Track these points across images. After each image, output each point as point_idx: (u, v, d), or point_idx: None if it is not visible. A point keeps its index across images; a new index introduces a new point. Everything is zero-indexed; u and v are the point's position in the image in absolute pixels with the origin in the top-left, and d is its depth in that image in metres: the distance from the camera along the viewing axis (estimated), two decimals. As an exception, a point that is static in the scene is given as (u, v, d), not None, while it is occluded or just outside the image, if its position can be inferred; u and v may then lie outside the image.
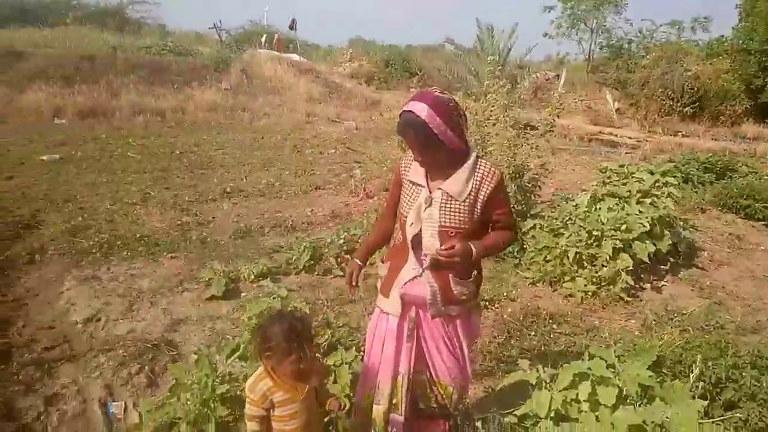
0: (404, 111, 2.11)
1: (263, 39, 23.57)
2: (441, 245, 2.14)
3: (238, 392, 2.82)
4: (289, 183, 8.04)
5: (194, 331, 4.06)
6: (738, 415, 2.79)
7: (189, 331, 4.06)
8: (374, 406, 2.40)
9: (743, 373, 2.98)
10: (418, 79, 20.01)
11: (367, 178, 8.05)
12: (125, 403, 3.21)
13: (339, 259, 5.10)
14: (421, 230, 2.22)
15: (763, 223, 7.38)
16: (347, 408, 2.54)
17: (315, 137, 11.65)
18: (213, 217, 6.45)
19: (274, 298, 3.18)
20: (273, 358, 2.02)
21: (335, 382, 2.83)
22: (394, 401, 2.38)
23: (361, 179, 7.89)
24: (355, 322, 3.82)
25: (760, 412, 2.87)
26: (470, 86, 10.56)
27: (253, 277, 4.71)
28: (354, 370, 2.85)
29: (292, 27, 25.80)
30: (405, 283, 2.28)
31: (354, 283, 2.51)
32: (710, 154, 9.82)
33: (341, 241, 5.25)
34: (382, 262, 2.45)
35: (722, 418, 2.66)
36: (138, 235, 5.67)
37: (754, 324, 4.47)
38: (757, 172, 9.50)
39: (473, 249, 2.15)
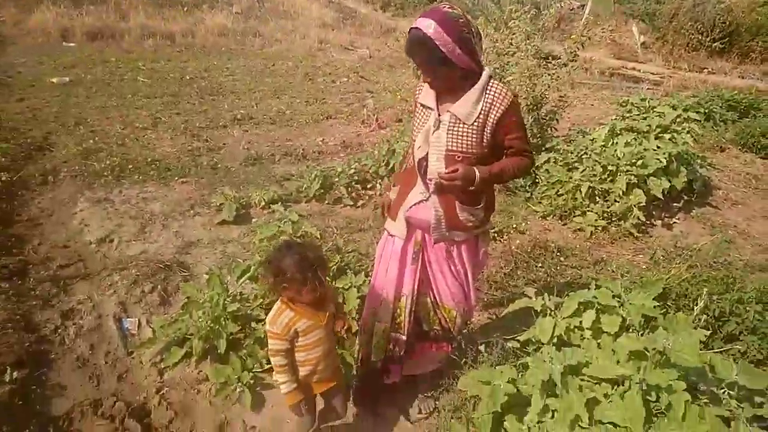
0: (412, 28, 2.02)
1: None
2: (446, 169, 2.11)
3: (249, 311, 2.90)
4: (300, 111, 7.92)
5: (206, 253, 4.13)
6: (738, 347, 2.83)
7: (200, 253, 4.13)
8: (376, 323, 2.46)
9: (747, 308, 3.00)
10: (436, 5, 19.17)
11: (379, 108, 7.90)
12: (139, 319, 3.32)
13: (349, 189, 5.09)
14: (427, 154, 2.18)
15: (784, 163, 7.20)
16: (352, 328, 2.60)
17: (327, 65, 11.34)
18: (224, 144, 6.41)
19: (284, 222, 3.21)
20: (290, 290, 2.03)
21: (344, 303, 2.89)
22: (397, 321, 2.44)
23: (374, 109, 7.74)
24: (364, 248, 3.86)
25: (759, 344, 2.92)
26: (491, 13, 10.07)
27: (263, 203, 4.73)
28: (362, 293, 2.91)
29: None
30: (411, 207, 2.27)
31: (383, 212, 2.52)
32: (735, 92, 9.45)
33: (352, 171, 5.21)
34: (393, 186, 2.44)
35: (722, 349, 2.70)
36: (149, 160, 5.68)
37: (762, 262, 4.46)
38: (783, 111, 9.17)
39: (476, 174, 2.11)
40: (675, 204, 5.41)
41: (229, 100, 8.34)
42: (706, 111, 7.93)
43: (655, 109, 5.43)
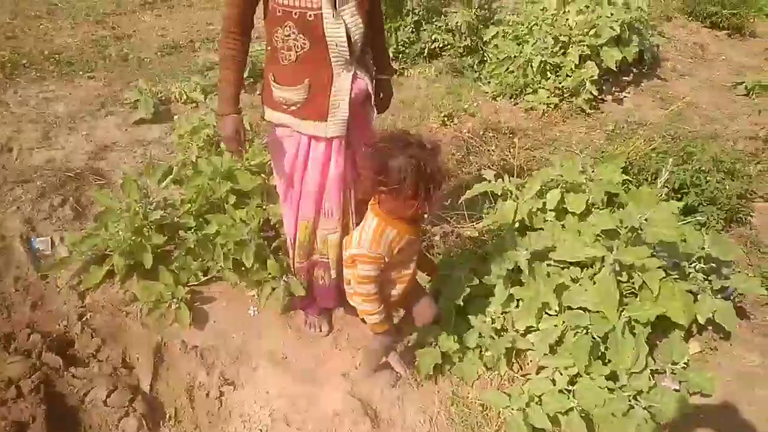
0: None
1: None
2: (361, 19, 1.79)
3: (176, 219, 2.55)
4: (220, -8, 7.02)
5: (123, 157, 3.65)
6: (698, 218, 2.75)
7: (117, 158, 3.64)
8: (330, 236, 2.14)
9: (707, 178, 2.90)
10: None
11: None
12: (51, 238, 2.90)
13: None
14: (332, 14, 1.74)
15: (726, 32, 7.08)
16: None
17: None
18: (134, 31, 5.60)
19: (206, 113, 2.77)
20: (391, 198, 1.57)
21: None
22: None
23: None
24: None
25: (718, 214, 2.86)
26: None
27: (185, 96, 4.18)
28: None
29: None
30: (348, 92, 1.85)
31: (243, 142, 1.97)
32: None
33: (284, 54, 4.66)
34: (279, 84, 1.88)
35: (684, 221, 2.61)
36: (47, 53, 4.89)
37: (712, 132, 4.40)
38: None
39: None
40: (625, 77, 5.23)
41: (136, -18, 7.28)
42: (653, -22, 7.59)
43: (607, -27, 5.03)
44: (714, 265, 2.20)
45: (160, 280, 2.45)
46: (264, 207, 2.49)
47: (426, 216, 1.79)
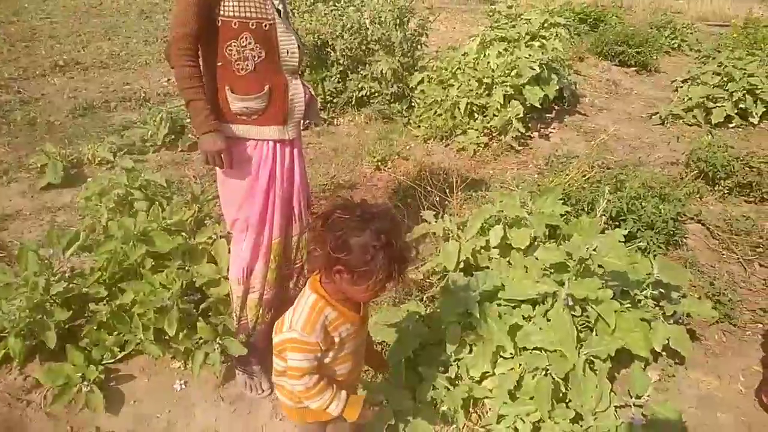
0: None
1: None
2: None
3: (84, 289, 2.26)
4: (138, 52, 6.81)
5: (29, 226, 3.30)
6: (639, 244, 2.74)
7: (22, 227, 3.29)
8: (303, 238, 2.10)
9: (643, 204, 2.92)
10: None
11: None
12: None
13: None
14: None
15: (635, 69, 7.57)
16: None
17: (166, 1, 9.99)
18: (42, 94, 5.27)
19: (117, 173, 2.53)
20: (354, 276, 1.26)
21: (212, 262, 2.35)
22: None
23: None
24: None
25: (657, 239, 2.86)
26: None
27: (99, 158, 3.89)
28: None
29: None
30: (302, 95, 1.99)
31: (229, 155, 1.89)
32: (585, 5, 9.78)
33: (206, 109, 4.48)
34: (239, 95, 1.88)
35: (628, 248, 2.57)
36: (-58, 121, 4.49)
37: (636, 161, 4.55)
38: (624, 23, 9.68)
39: None
40: (548, 114, 5.40)
41: (47, 46, 6.98)
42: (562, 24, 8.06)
43: (522, 17, 5.26)
44: (662, 290, 2.15)
45: (68, 361, 2.12)
46: (186, 268, 2.25)
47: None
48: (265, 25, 1.84)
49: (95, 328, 2.21)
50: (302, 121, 2.08)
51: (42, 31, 7.67)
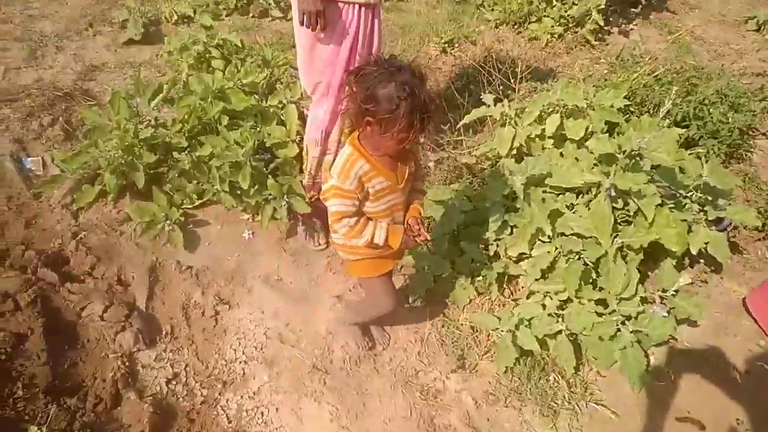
0: None
1: None
2: None
3: (168, 139, 2.50)
4: None
5: (113, 78, 3.55)
6: (699, 150, 2.72)
7: (107, 78, 3.54)
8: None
9: (711, 110, 2.84)
10: None
11: None
12: (42, 157, 2.86)
13: (277, -2, 4.38)
14: None
15: (742, -36, 6.79)
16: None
17: None
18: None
19: (197, 30, 2.66)
20: (377, 128, 1.38)
21: (281, 124, 2.52)
22: None
23: None
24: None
25: (719, 148, 2.82)
26: None
27: (176, 17, 4.01)
28: (303, 107, 2.52)
29: None
30: None
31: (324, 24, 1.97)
32: None
33: (279, -24, 4.45)
34: None
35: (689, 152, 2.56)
36: (28, -32, 4.65)
37: (718, 68, 4.28)
38: None
39: None
40: (633, 9, 5.04)
41: None
42: None
43: None
44: (710, 197, 2.18)
45: (154, 201, 2.42)
46: (258, 128, 2.43)
47: (408, 155, 1.58)
48: None
49: (177, 175, 2.48)
50: None
51: None
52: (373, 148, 1.48)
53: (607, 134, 2.34)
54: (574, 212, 2.01)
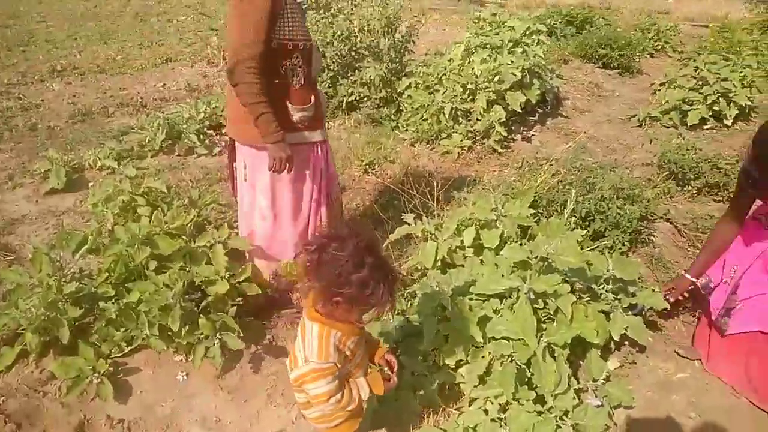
0: None
1: None
2: None
3: (93, 289, 2.46)
4: (133, 56, 6.98)
5: (35, 230, 3.49)
6: (605, 242, 2.96)
7: (28, 231, 3.48)
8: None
9: (609, 205, 3.14)
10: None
11: (226, 47, 7.20)
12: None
13: (202, 136, 4.57)
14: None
15: (617, 71, 7.80)
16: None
17: (160, 3, 10.14)
18: (42, 100, 5.46)
19: (121, 180, 2.72)
20: (353, 305, 1.41)
21: (209, 263, 2.54)
22: None
23: (219, 47, 7.04)
24: (225, 198, 3.47)
25: (622, 238, 3.08)
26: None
27: (99, 163, 4.08)
28: (228, 248, 2.58)
29: None
30: (325, 103, 2.51)
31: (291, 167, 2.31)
32: (572, 8, 10.00)
33: (202, 115, 4.68)
34: (297, 106, 2.27)
35: (592, 247, 2.80)
36: (-54, 128, 4.66)
37: (612, 162, 4.78)
38: (611, 24, 9.89)
39: None
40: (531, 117, 5.61)
41: (44, 50, 7.14)
42: (549, 27, 8.27)
43: (505, 24, 5.47)
44: (621, 284, 2.37)
45: (80, 355, 2.33)
46: (187, 269, 2.45)
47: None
48: (308, 45, 2.24)
49: (104, 324, 2.41)
50: None
51: (38, 35, 7.83)
52: (337, 319, 1.49)
53: (522, 239, 2.54)
54: (500, 317, 2.12)
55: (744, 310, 2.32)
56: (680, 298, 2.61)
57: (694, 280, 2.54)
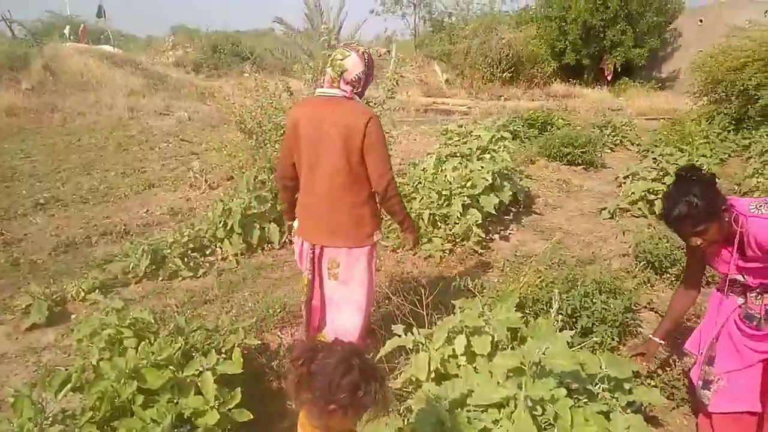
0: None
1: (66, 30, 20.88)
2: None
3: (77, 430, 2.35)
4: (116, 185, 7.15)
5: (15, 369, 3.38)
6: (594, 339, 2.98)
7: (7, 370, 3.37)
8: None
9: (594, 300, 3.20)
10: (251, 63, 19.12)
11: (207, 169, 7.45)
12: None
13: (186, 259, 4.61)
14: None
15: (582, 167, 8.24)
16: None
17: (141, 132, 10.55)
18: (25, 234, 5.48)
19: (107, 313, 2.70)
20: (348, 412, 1.41)
21: (198, 393, 2.47)
22: None
23: (201, 170, 7.28)
24: (212, 322, 3.44)
25: (611, 332, 3.11)
26: (305, 65, 10.20)
27: (83, 294, 4.05)
28: (217, 374, 2.52)
29: (100, 15, 23.25)
30: None
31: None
32: (531, 111, 10.70)
33: (186, 239, 4.74)
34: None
35: (582, 344, 2.81)
36: (-75, 269, 4.62)
37: (589, 255, 4.91)
38: (570, 124, 10.58)
39: None
40: (506, 217, 5.82)
41: (27, 185, 7.27)
42: (512, 131, 8.81)
43: (472, 134, 5.83)
44: (616, 382, 2.36)
45: (62, 506, 2.18)
46: (176, 401, 2.37)
47: None
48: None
49: (89, 467, 2.28)
50: None
51: (22, 171, 8.00)
52: (334, 430, 1.48)
53: (514, 341, 2.55)
54: (500, 427, 2.07)
55: (728, 388, 2.38)
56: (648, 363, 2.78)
57: (662, 342, 2.74)
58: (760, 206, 2.19)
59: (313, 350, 1.45)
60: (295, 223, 2.92)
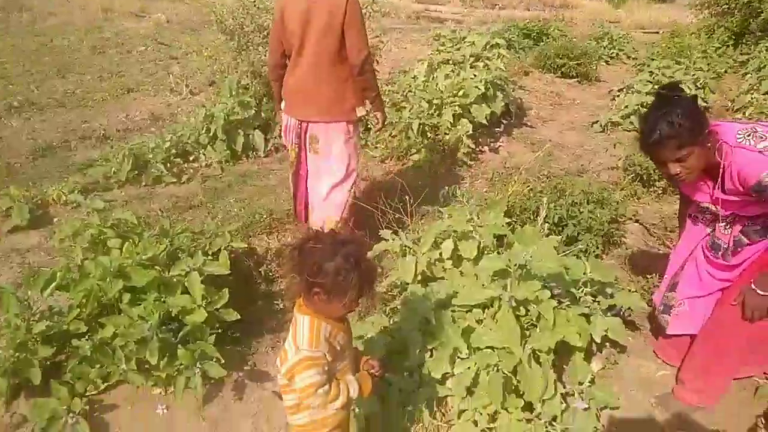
0: None
1: None
2: None
3: (64, 327, 2.37)
4: (93, 89, 6.85)
5: (0, 269, 3.36)
6: (579, 246, 3.01)
7: (-8, 271, 3.35)
8: None
9: (580, 210, 3.20)
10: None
11: (188, 74, 7.14)
12: None
13: (169, 165, 4.50)
14: None
15: (576, 80, 8.03)
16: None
17: (117, 35, 9.99)
18: (0, 137, 5.29)
19: (89, 213, 2.65)
20: (331, 296, 1.46)
21: (185, 293, 2.48)
22: None
23: (182, 75, 6.97)
24: (198, 226, 3.41)
25: (596, 241, 3.14)
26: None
27: (64, 197, 3.97)
28: (204, 275, 2.52)
29: None
30: None
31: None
32: (527, 21, 10.28)
33: (168, 144, 4.61)
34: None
35: (567, 251, 2.84)
36: None
37: (579, 168, 4.89)
38: (567, 35, 10.20)
39: None
40: (497, 129, 5.71)
41: (-1, 87, 6.94)
42: (507, 40, 8.48)
43: (465, 40, 5.59)
44: (598, 287, 2.41)
45: (53, 395, 2.23)
46: (163, 300, 2.39)
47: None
48: None
49: (78, 362, 2.33)
50: None
51: (-8, 72, 7.62)
52: (321, 313, 1.54)
53: (498, 248, 2.56)
54: (484, 326, 2.12)
55: (687, 313, 2.41)
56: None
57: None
58: (749, 135, 1.94)
59: (306, 238, 1.50)
60: (283, 104, 3.12)
